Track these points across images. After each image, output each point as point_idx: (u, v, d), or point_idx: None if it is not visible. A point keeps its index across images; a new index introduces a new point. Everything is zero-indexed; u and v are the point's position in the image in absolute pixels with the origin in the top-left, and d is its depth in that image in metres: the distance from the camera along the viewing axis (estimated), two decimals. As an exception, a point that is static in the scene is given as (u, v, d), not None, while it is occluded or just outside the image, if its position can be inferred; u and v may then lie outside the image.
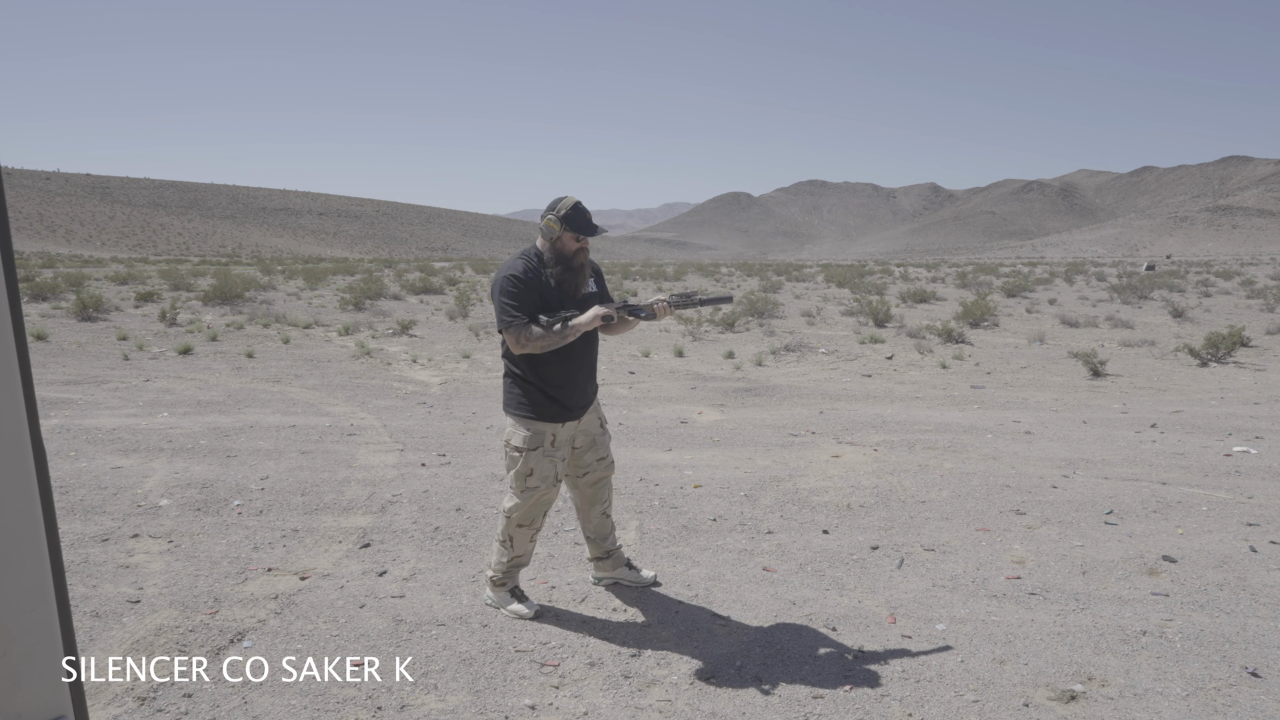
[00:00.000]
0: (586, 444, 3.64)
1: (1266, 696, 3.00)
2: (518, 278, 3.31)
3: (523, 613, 3.61)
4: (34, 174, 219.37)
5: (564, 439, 3.51)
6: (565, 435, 3.51)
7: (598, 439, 3.67)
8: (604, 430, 3.71)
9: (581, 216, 3.36)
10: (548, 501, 3.54)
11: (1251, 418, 8.56)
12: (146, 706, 2.89)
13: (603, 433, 3.70)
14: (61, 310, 16.83)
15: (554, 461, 3.48)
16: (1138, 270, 43.05)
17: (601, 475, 3.71)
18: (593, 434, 3.64)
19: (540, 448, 3.44)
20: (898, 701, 2.98)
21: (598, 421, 3.67)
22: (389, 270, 35.91)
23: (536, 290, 3.34)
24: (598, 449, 3.67)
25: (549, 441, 3.45)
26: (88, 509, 4.99)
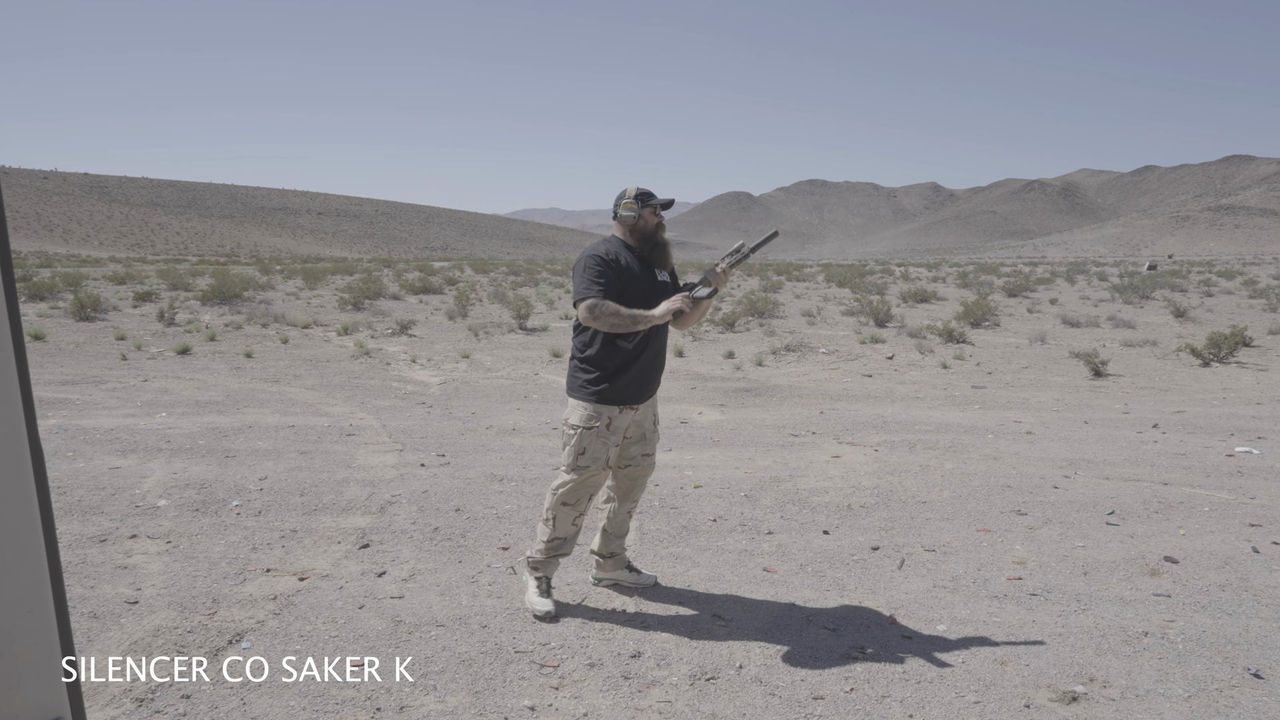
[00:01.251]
0: (636, 436, 3.68)
1: (1269, 698, 3.00)
2: (601, 257, 3.43)
3: (537, 607, 3.61)
4: (31, 173, 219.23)
5: (620, 425, 3.54)
6: (621, 421, 3.54)
7: (648, 433, 3.71)
8: (655, 428, 3.74)
9: (652, 194, 3.58)
10: (595, 485, 3.57)
11: (1254, 418, 8.56)
12: (145, 707, 2.88)
13: (654, 430, 3.74)
14: (59, 310, 16.82)
15: (607, 444, 3.51)
16: (1139, 270, 43.05)
17: (641, 472, 3.74)
18: (644, 427, 3.69)
19: (595, 428, 3.48)
20: (898, 703, 2.97)
21: (652, 417, 3.72)
22: (388, 270, 35.91)
23: (617, 272, 3.44)
24: (645, 443, 3.71)
25: (605, 424, 3.49)
26: (85, 509, 4.98)
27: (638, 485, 3.79)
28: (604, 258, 3.43)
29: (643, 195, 3.54)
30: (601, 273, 3.40)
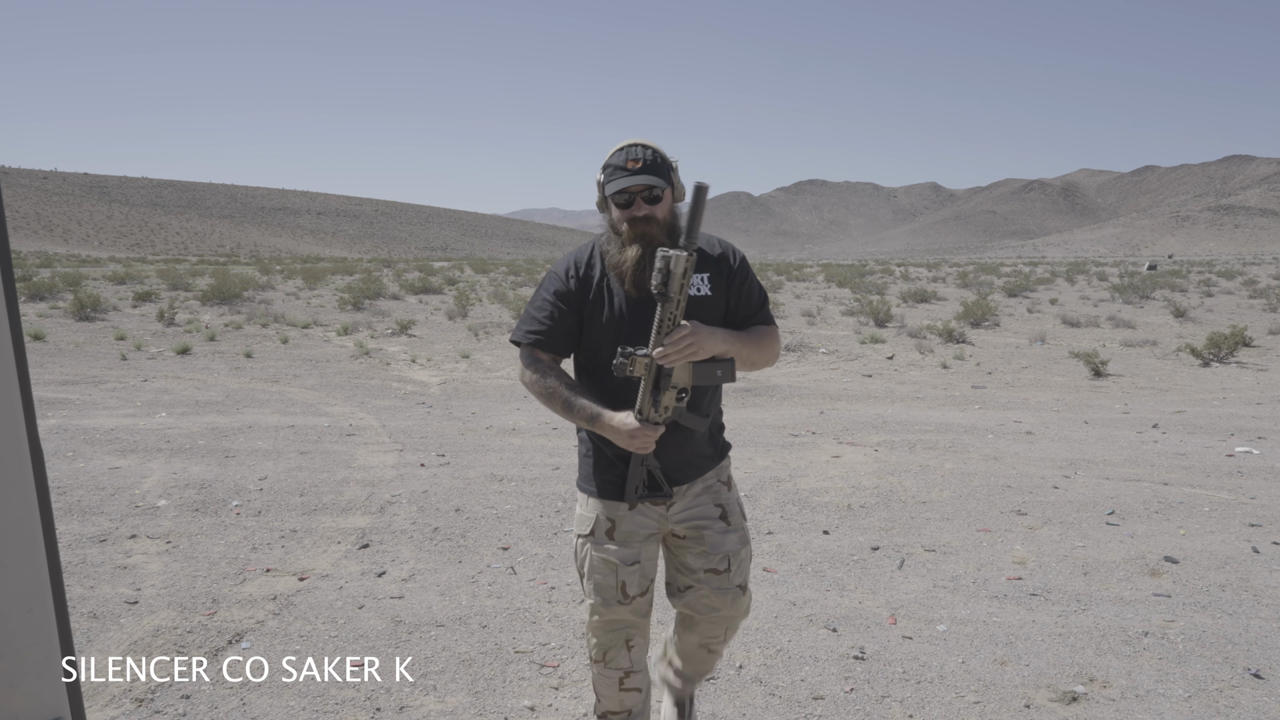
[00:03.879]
0: (691, 535, 2.29)
1: (1269, 698, 3.00)
2: (555, 275, 2.24)
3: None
4: (31, 173, 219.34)
5: (634, 530, 2.24)
6: (636, 525, 2.25)
7: (708, 533, 2.27)
8: (727, 523, 2.29)
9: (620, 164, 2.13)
10: (616, 626, 2.30)
11: (1254, 418, 8.56)
12: (145, 707, 2.88)
13: (724, 527, 2.28)
14: (59, 310, 16.82)
15: (612, 563, 2.24)
16: (1139, 270, 43.06)
17: (708, 599, 2.29)
18: (701, 522, 2.28)
19: (590, 536, 2.27)
20: (898, 703, 2.97)
21: (711, 505, 2.29)
22: (388, 270, 35.91)
23: (578, 295, 2.20)
24: (706, 550, 2.27)
25: (603, 530, 2.25)
26: (85, 509, 4.98)
27: (709, 619, 2.34)
28: (563, 274, 2.22)
29: (606, 170, 2.17)
30: (541, 302, 2.22)
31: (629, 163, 2.11)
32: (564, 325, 2.20)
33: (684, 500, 2.27)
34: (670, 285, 1.98)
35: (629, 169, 2.10)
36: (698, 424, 2.15)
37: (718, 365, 2.13)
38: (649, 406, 2.08)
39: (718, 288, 2.25)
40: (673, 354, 2.02)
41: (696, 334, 2.03)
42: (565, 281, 2.22)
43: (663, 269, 1.97)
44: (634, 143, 2.15)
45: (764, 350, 2.26)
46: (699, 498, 2.28)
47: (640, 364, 2.03)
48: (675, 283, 1.97)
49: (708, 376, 2.13)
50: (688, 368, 2.08)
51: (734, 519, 2.32)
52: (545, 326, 2.20)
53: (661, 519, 2.27)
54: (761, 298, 2.33)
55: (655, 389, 2.08)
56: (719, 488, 2.32)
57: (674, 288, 1.98)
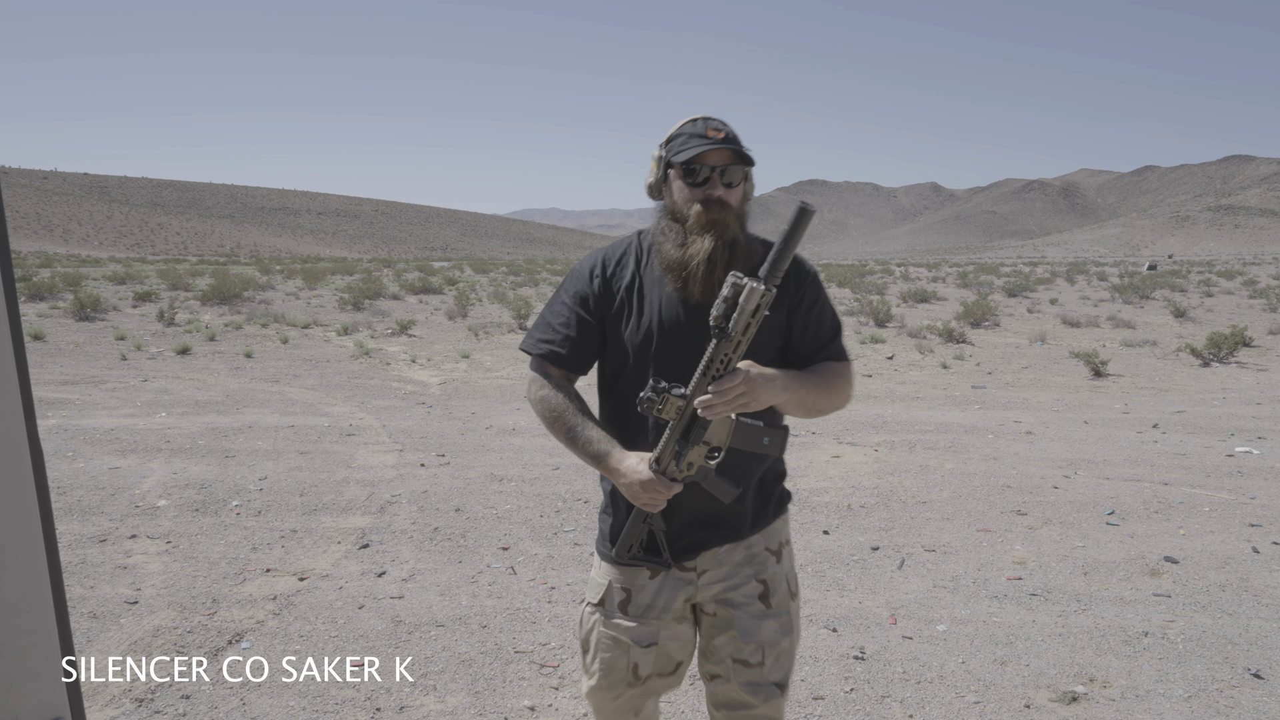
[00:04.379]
0: (721, 620, 1.84)
1: (1269, 698, 3.00)
2: (578, 274, 1.84)
3: None
4: (31, 173, 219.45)
5: (653, 604, 1.82)
6: (659, 598, 1.82)
7: (740, 615, 1.81)
8: (767, 605, 1.82)
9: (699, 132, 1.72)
10: (624, 707, 1.90)
11: (1254, 418, 8.56)
12: (145, 707, 2.88)
13: (762, 610, 1.82)
14: (59, 310, 16.82)
15: (623, 642, 1.83)
16: (1139, 270, 43.06)
17: (736, 697, 1.84)
18: (734, 609, 1.82)
19: (600, 606, 1.86)
20: (898, 703, 2.97)
21: (753, 580, 1.82)
22: (388, 270, 35.92)
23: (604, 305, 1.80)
24: (737, 636, 1.81)
25: (616, 600, 1.84)
26: (85, 509, 4.98)
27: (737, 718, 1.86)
28: (588, 273, 1.82)
29: (677, 139, 1.74)
30: (565, 306, 1.82)
31: (710, 131, 1.71)
32: (583, 336, 1.80)
33: (718, 569, 1.81)
34: (736, 322, 1.56)
35: (709, 136, 1.70)
36: (724, 493, 1.71)
37: (766, 432, 1.68)
38: (669, 459, 1.68)
39: (778, 304, 1.77)
40: (719, 405, 1.60)
41: (751, 383, 1.59)
42: (589, 282, 1.80)
43: (730, 298, 1.56)
44: (710, 117, 1.77)
45: (832, 396, 1.78)
46: (739, 568, 1.81)
47: (673, 406, 1.62)
48: (742, 320, 1.56)
49: (750, 441, 1.68)
50: (729, 423, 1.66)
51: (777, 599, 1.83)
52: (560, 335, 1.80)
53: (692, 588, 1.82)
54: (834, 328, 1.85)
55: (684, 439, 1.66)
56: (765, 558, 1.83)
57: (739, 325, 1.56)
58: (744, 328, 1.56)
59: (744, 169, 1.75)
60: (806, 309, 1.80)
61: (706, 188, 1.72)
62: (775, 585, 1.84)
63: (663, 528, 1.77)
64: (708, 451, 1.68)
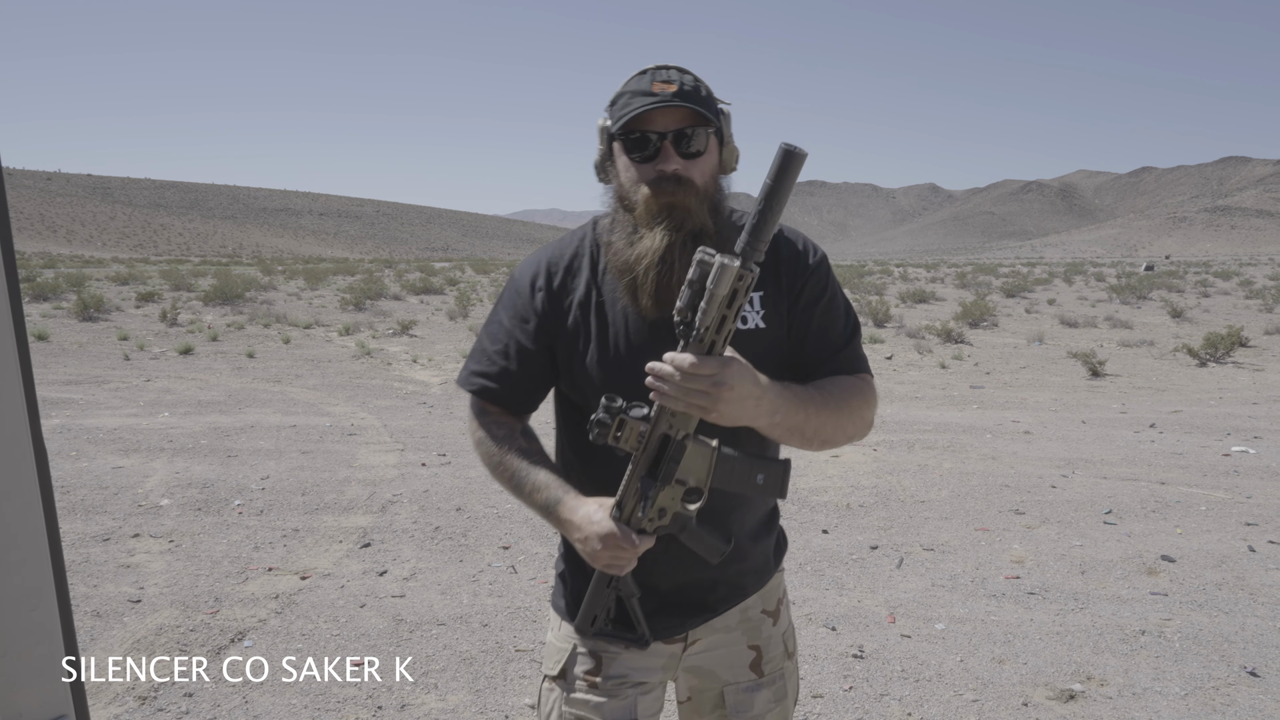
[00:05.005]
0: (704, 703, 1.51)
1: (1265, 696, 3.01)
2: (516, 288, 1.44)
3: None
4: (35, 174, 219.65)
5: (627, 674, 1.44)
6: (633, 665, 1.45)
7: (733, 695, 1.49)
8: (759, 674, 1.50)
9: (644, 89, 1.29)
10: None
11: (1250, 418, 8.57)
12: (147, 706, 2.90)
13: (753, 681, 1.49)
14: (62, 310, 16.84)
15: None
16: (1136, 270, 43.05)
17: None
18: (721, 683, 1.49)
19: (560, 679, 1.47)
20: (897, 701, 2.98)
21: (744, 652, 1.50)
22: (389, 270, 35.93)
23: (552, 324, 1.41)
24: (726, 714, 1.49)
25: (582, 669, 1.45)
26: (89, 509, 5.00)
27: None
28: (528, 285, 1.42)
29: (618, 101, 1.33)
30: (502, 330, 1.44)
31: (656, 85, 1.28)
32: (525, 368, 1.41)
33: (710, 636, 1.47)
34: (706, 313, 1.13)
35: (655, 93, 1.27)
36: (710, 551, 1.30)
37: (760, 468, 1.27)
38: (633, 502, 1.26)
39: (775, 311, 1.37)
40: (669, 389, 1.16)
41: (725, 370, 1.16)
42: (531, 298, 1.40)
43: (696, 282, 1.14)
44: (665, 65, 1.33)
45: (845, 420, 1.36)
46: (729, 633, 1.48)
47: (633, 431, 1.22)
48: (713, 310, 1.13)
49: (740, 480, 1.27)
50: (707, 457, 1.23)
51: (771, 665, 1.50)
52: (496, 368, 1.42)
53: (673, 659, 1.47)
54: (850, 328, 1.43)
55: (649, 475, 1.25)
56: (760, 621, 1.50)
57: (709, 318, 1.14)
58: (717, 321, 1.13)
59: (708, 131, 1.31)
60: (811, 302, 1.38)
61: (657, 162, 1.30)
62: (769, 650, 1.51)
63: (635, 594, 1.36)
64: (684, 493, 1.25)
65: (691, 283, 1.14)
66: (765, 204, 1.12)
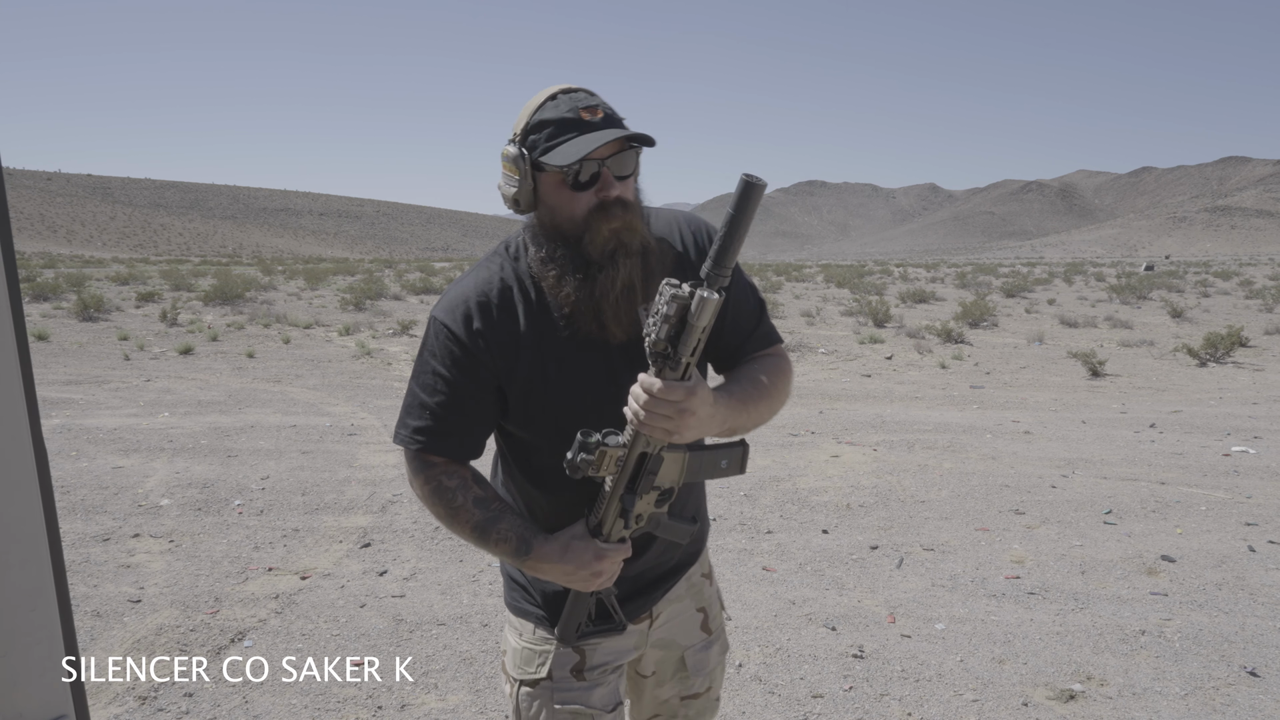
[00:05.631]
0: (666, 670, 1.66)
1: (1265, 696, 3.01)
2: (445, 333, 1.37)
3: None
4: (35, 174, 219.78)
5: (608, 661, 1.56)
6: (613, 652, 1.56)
7: (692, 656, 1.66)
8: (708, 632, 1.68)
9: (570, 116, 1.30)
10: None
11: (1250, 418, 8.57)
12: (147, 706, 2.90)
13: (705, 640, 1.67)
14: (63, 310, 16.84)
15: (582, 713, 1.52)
16: (1136, 270, 43.06)
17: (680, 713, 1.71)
18: (681, 648, 1.65)
19: (546, 681, 1.53)
20: (897, 701, 2.99)
21: (695, 615, 1.66)
22: (389, 270, 35.94)
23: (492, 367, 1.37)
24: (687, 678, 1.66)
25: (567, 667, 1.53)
26: (89, 509, 5.00)
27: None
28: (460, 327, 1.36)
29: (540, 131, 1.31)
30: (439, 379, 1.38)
31: (584, 112, 1.29)
32: (471, 414, 1.38)
33: (669, 607, 1.61)
34: (686, 343, 1.18)
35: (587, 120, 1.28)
36: (682, 534, 1.43)
37: (722, 454, 1.38)
38: (614, 521, 1.35)
39: None
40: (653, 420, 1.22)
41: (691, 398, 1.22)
42: (466, 338, 1.35)
43: (674, 316, 1.17)
44: (572, 87, 1.33)
45: (775, 400, 1.45)
46: (681, 602, 1.62)
47: (611, 460, 1.28)
48: (692, 338, 1.18)
49: (708, 470, 1.38)
50: (680, 461, 1.32)
51: (715, 622, 1.68)
52: (439, 421, 1.37)
53: (642, 636, 1.58)
54: (758, 308, 1.51)
55: (629, 491, 1.33)
56: (701, 584, 1.66)
57: (687, 346, 1.19)
58: (692, 348, 1.19)
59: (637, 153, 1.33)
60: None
61: (599, 189, 1.30)
62: (712, 608, 1.68)
63: (614, 591, 1.47)
64: (658, 496, 1.35)
65: (668, 317, 1.17)
66: (729, 231, 1.16)
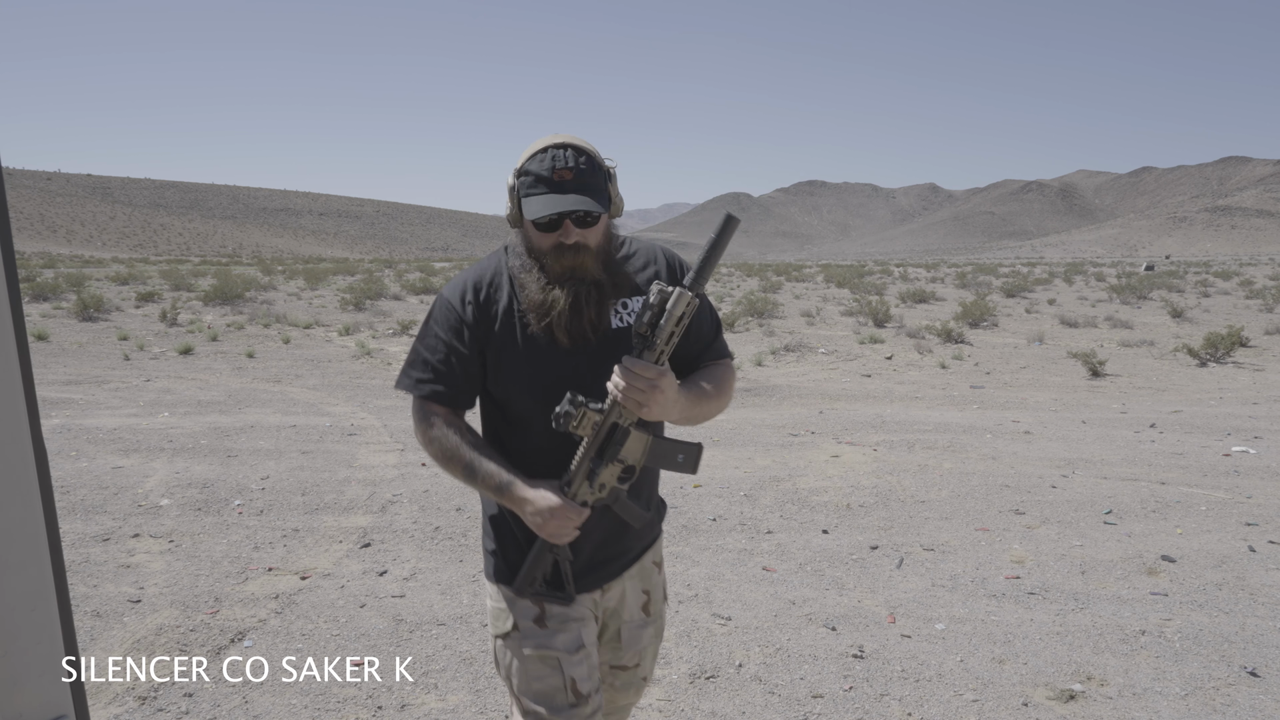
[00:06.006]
0: (604, 637, 1.88)
1: (1265, 696, 3.01)
2: (447, 305, 1.72)
3: None
4: (35, 174, 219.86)
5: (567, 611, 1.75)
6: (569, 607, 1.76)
7: (627, 630, 1.88)
8: (646, 613, 1.90)
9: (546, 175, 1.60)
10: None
11: (1250, 418, 8.57)
12: (147, 706, 2.90)
13: (643, 620, 1.89)
14: (62, 310, 16.84)
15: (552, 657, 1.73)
16: (1137, 270, 43.06)
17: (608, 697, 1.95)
18: (620, 621, 1.87)
19: (515, 632, 1.76)
20: (897, 701, 2.98)
21: (639, 596, 1.88)
22: (389, 270, 35.93)
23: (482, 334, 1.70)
24: (619, 649, 1.89)
25: (530, 617, 1.75)
26: (89, 509, 5.00)
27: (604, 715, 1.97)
28: (459, 301, 1.71)
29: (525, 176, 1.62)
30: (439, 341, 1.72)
31: (556, 173, 1.58)
32: (463, 371, 1.70)
33: (619, 585, 1.84)
34: (663, 330, 1.52)
35: (556, 181, 1.58)
36: (636, 517, 1.68)
37: (680, 449, 1.65)
38: (582, 479, 1.61)
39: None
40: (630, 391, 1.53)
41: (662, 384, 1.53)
42: (462, 310, 1.69)
43: (656, 306, 1.52)
44: (561, 143, 1.61)
45: (720, 401, 1.78)
46: (630, 581, 1.86)
47: (590, 421, 1.55)
48: (668, 327, 1.52)
49: (666, 459, 1.65)
50: (644, 441, 1.61)
51: (655, 607, 1.91)
52: (439, 373, 1.71)
53: (595, 605, 1.82)
54: (715, 324, 1.86)
55: (598, 457, 1.60)
56: (651, 570, 1.90)
57: (664, 333, 1.52)
58: (668, 336, 1.53)
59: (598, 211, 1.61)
60: None
61: (559, 233, 1.62)
62: (655, 593, 1.91)
63: (569, 558, 1.70)
64: (621, 471, 1.62)
65: (651, 306, 1.52)
66: (710, 253, 1.53)
